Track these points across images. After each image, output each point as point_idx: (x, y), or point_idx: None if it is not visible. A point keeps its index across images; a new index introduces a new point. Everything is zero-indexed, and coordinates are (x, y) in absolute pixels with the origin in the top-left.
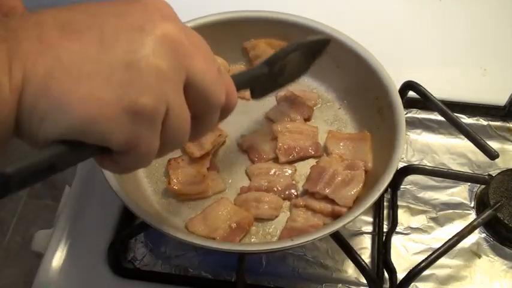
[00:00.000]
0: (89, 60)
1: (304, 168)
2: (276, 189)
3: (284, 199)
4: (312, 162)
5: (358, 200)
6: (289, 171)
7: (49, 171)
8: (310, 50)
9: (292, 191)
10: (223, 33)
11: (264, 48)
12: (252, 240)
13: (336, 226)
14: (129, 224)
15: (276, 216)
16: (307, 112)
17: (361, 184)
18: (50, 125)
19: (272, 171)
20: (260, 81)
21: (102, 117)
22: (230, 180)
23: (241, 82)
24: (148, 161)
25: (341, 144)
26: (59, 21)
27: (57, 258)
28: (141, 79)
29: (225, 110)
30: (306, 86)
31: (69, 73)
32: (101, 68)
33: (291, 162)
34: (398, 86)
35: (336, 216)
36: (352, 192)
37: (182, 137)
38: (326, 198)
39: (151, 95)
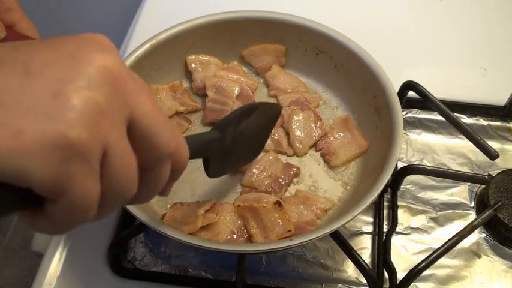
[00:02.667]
0: (9, 91)
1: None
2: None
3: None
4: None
5: (357, 199)
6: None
7: None
8: (263, 119)
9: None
10: (219, 33)
11: (260, 54)
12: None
13: (336, 225)
14: (129, 224)
15: None
16: None
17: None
18: None
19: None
20: (213, 151)
21: (20, 150)
22: (233, 181)
23: (191, 144)
24: (87, 212)
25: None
26: None
27: (57, 258)
28: (71, 111)
29: (176, 166)
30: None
31: None
32: (24, 98)
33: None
34: (398, 86)
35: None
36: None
37: (128, 186)
38: None
39: (84, 130)
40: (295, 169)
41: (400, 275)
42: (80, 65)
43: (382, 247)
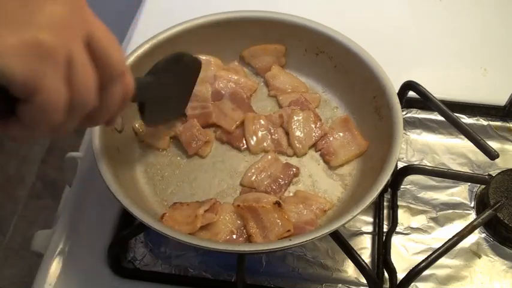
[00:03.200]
0: None
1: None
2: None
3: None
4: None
5: (357, 199)
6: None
7: None
8: (188, 68)
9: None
10: (219, 33)
11: (260, 54)
12: None
13: (335, 226)
14: (129, 224)
15: None
16: None
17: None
18: None
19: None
20: (148, 96)
21: None
22: (233, 181)
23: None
24: (56, 114)
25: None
26: None
27: (57, 258)
28: (40, 18)
29: (125, 91)
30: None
31: None
32: None
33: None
34: (398, 86)
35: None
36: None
37: (88, 94)
38: None
39: (52, 34)
40: (294, 169)
41: (400, 275)
42: None
43: (382, 247)
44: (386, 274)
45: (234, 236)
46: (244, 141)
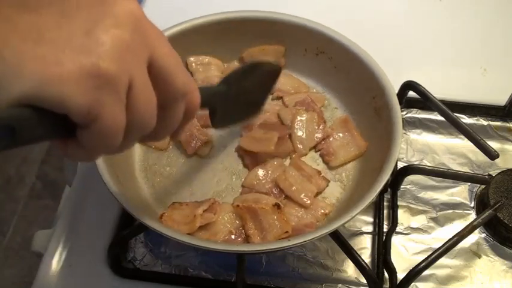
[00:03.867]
0: (48, 28)
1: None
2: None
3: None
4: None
5: (356, 200)
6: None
7: (7, 136)
8: (264, 76)
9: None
10: (218, 33)
11: (259, 55)
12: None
13: (334, 226)
14: (129, 224)
15: None
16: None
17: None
18: (5, 89)
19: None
20: (219, 103)
21: (60, 78)
22: (232, 181)
23: (202, 92)
24: (114, 139)
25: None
26: (17, 0)
27: (57, 258)
28: (102, 46)
29: (189, 108)
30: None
31: (25, 38)
32: (61, 34)
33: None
34: (398, 86)
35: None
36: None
37: (148, 116)
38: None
39: (113, 61)
40: None
41: (400, 275)
42: (109, 7)
43: (382, 247)
44: (386, 274)
45: (233, 236)
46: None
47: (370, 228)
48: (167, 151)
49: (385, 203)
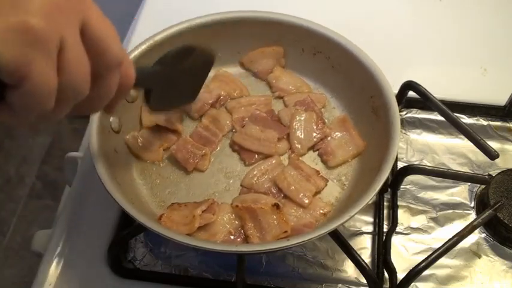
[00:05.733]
0: None
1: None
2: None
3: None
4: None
5: (354, 199)
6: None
7: None
8: (199, 62)
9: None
10: (216, 33)
11: (259, 58)
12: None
13: (332, 226)
14: (129, 224)
15: None
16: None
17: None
18: None
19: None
20: (155, 84)
21: None
22: (231, 181)
23: (136, 70)
24: (47, 101)
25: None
26: None
27: (57, 258)
28: (32, 3)
29: (124, 83)
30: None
31: None
32: None
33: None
34: (398, 86)
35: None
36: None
37: (81, 82)
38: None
39: (43, 19)
40: None
41: (400, 275)
42: None
43: (382, 247)
44: (386, 274)
45: (232, 237)
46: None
47: (370, 228)
48: (163, 162)
49: (385, 203)
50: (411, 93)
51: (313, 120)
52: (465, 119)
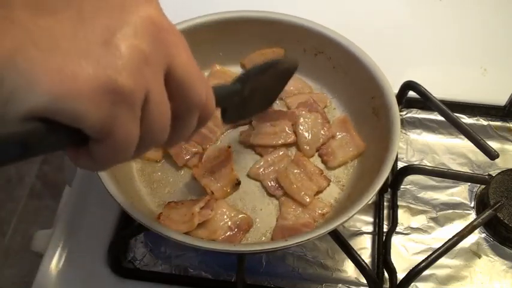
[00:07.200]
0: (64, 36)
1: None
2: None
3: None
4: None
5: (354, 200)
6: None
7: (20, 151)
8: (280, 74)
9: None
10: (217, 33)
11: (259, 60)
12: (248, 240)
13: (332, 226)
14: (129, 224)
15: None
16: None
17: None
18: (17, 102)
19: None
20: (232, 101)
21: (75, 93)
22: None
23: (216, 96)
24: (127, 153)
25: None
26: (30, 2)
27: (57, 258)
28: (120, 58)
29: (204, 116)
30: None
31: (39, 47)
32: (77, 43)
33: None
34: (398, 86)
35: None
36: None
37: (162, 130)
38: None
39: (131, 76)
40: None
41: (400, 275)
42: (128, 14)
43: (382, 247)
44: (386, 274)
45: (232, 232)
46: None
47: (370, 228)
48: (163, 161)
49: (385, 203)
50: (411, 93)
51: (319, 121)
52: (465, 119)
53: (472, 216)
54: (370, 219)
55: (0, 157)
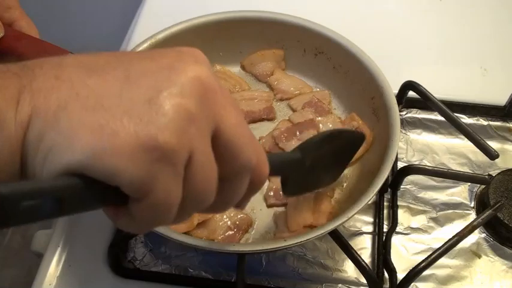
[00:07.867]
0: (109, 95)
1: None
2: None
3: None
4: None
5: (353, 200)
6: None
7: (54, 206)
8: (346, 145)
9: None
10: (217, 33)
11: (259, 61)
12: (248, 240)
13: (331, 226)
14: None
15: None
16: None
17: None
18: (56, 157)
19: None
20: (292, 171)
21: (113, 151)
22: None
23: (272, 162)
24: (168, 214)
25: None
26: (82, 63)
27: (57, 258)
28: (163, 116)
29: (255, 181)
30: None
31: (83, 105)
32: (121, 102)
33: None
34: (398, 86)
35: None
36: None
37: (206, 192)
38: None
39: (173, 134)
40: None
41: (400, 275)
42: (175, 75)
43: (382, 247)
44: (386, 274)
45: (231, 232)
46: None
47: (370, 228)
48: None
49: (385, 203)
50: (411, 93)
51: (338, 121)
52: (465, 119)
53: (472, 216)
54: (370, 219)
55: (36, 212)
